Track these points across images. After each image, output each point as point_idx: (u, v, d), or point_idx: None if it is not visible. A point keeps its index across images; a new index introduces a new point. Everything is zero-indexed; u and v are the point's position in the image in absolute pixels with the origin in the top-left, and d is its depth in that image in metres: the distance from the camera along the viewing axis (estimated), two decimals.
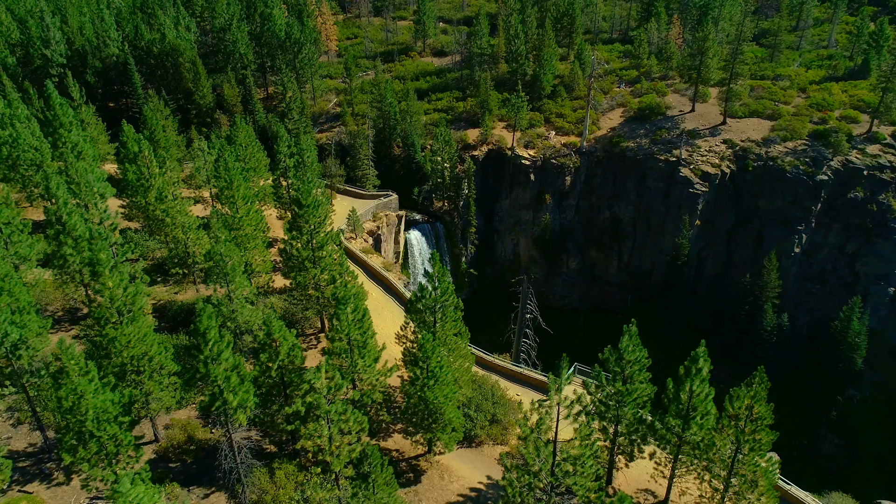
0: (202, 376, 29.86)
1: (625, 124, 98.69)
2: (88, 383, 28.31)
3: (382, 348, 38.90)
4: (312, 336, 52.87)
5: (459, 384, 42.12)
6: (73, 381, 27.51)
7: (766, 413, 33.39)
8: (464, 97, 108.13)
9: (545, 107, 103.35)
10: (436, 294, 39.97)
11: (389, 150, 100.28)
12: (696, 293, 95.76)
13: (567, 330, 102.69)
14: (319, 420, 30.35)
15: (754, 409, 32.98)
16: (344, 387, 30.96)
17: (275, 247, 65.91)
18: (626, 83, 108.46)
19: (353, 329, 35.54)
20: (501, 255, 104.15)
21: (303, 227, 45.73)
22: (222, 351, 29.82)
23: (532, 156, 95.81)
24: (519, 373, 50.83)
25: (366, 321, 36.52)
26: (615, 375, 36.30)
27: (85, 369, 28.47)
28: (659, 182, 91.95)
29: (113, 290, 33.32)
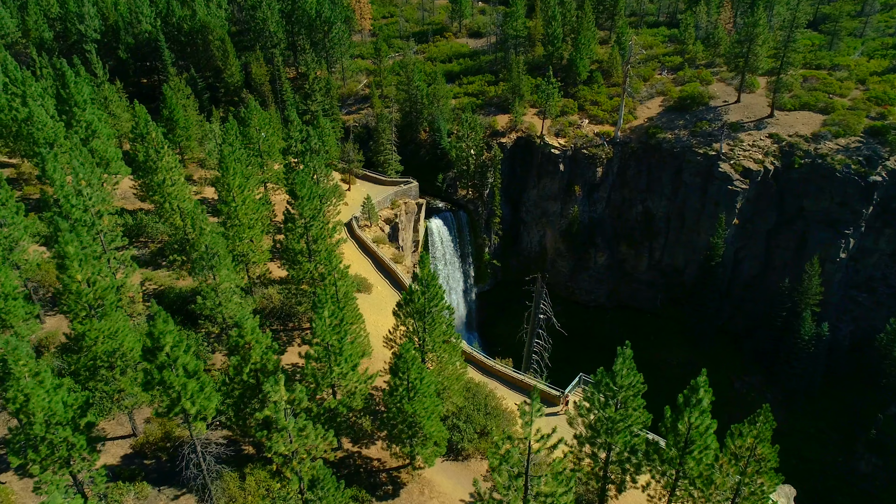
0: (157, 382, 28.40)
1: (663, 114, 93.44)
2: (38, 385, 27.15)
3: (362, 354, 36.85)
4: (309, 331, 51.27)
5: (448, 394, 39.95)
6: (19, 384, 26.38)
7: (770, 455, 30.10)
8: (496, 81, 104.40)
9: (580, 93, 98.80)
10: (423, 299, 37.66)
11: (416, 134, 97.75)
12: (730, 295, 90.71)
13: (592, 327, 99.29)
14: (282, 433, 28.60)
15: (757, 450, 29.58)
16: (304, 401, 29.06)
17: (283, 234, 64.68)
18: (668, 70, 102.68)
19: (329, 334, 33.57)
20: (527, 246, 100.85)
21: (296, 220, 43.89)
22: (178, 357, 28.24)
23: (562, 145, 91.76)
24: (520, 380, 48.25)
25: (344, 326, 34.52)
26: (607, 399, 33.35)
27: (35, 370, 27.30)
28: (696, 177, 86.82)
29: (81, 284, 32.13)
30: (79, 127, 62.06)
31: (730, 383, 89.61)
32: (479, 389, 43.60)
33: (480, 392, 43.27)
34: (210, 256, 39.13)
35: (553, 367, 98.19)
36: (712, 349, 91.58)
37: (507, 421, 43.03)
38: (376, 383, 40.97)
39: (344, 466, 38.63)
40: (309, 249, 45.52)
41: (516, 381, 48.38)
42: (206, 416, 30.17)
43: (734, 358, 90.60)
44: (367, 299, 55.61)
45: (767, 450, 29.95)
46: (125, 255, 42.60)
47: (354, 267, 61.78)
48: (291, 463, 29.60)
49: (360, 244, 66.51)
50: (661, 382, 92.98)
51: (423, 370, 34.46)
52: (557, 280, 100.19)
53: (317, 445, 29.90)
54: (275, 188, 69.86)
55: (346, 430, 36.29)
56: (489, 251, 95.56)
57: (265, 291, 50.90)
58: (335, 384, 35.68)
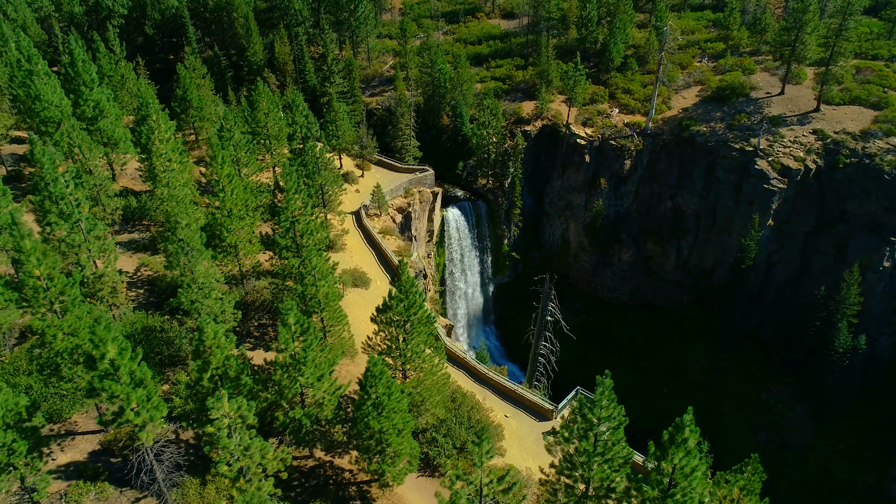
0: (99, 390, 26.98)
1: (699, 105, 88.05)
2: None
3: (334, 362, 34.84)
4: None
5: (427, 406, 37.74)
6: None
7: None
8: (525, 66, 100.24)
9: (612, 80, 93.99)
10: (402, 307, 35.36)
11: (438, 119, 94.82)
12: (761, 300, 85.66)
13: (613, 325, 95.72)
14: (223, 451, 26.92)
15: (743, 503, 26.51)
16: (251, 417, 27.23)
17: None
18: (708, 57, 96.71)
19: (291, 343, 31.65)
20: (549, 238, 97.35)
21: (281, 214, 41.99)
22: (121, 366, 26.70)
23: (589, 135, 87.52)
24: (513, 391, 45.63)
25: (310, 335, 32.50)
26: (585, 431, 30.56)
27: None
28: (730, 174, 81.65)
29: (39, 279, 30.91)
30: (86, 106, 61.31)
31: (756, 393, 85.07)
32: (465, 400, 41.26)
33: (466, 403, 40.94)
34: (185, 251, 37.59)
35: (570, 365, 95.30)
36: (739, 356, 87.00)
37: (494, 435, 40.64)
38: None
39: (313, 476, 36.99)
40: (296, 244, 43.62)
41: (508, 390, 45.81)
42: (154, 429, 28.66)
43: (762, 366, 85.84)
44: (363, 295, 53.67)
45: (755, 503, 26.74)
46: (107, 243, 41.42)
47: (356, 259, 59.99)
48: (239, 481, 27.93)
49: (366, 235, 64.51)
50: (682, 387, 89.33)
51: (393, 385, 32.29)
52: (579, 275, 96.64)
53: (266, 464, 28.15)
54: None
55: (311, 442, 34.52)
56: (508, 243, 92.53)
57: (256, 284, 49.42)
58: (303, 393, 33.82)
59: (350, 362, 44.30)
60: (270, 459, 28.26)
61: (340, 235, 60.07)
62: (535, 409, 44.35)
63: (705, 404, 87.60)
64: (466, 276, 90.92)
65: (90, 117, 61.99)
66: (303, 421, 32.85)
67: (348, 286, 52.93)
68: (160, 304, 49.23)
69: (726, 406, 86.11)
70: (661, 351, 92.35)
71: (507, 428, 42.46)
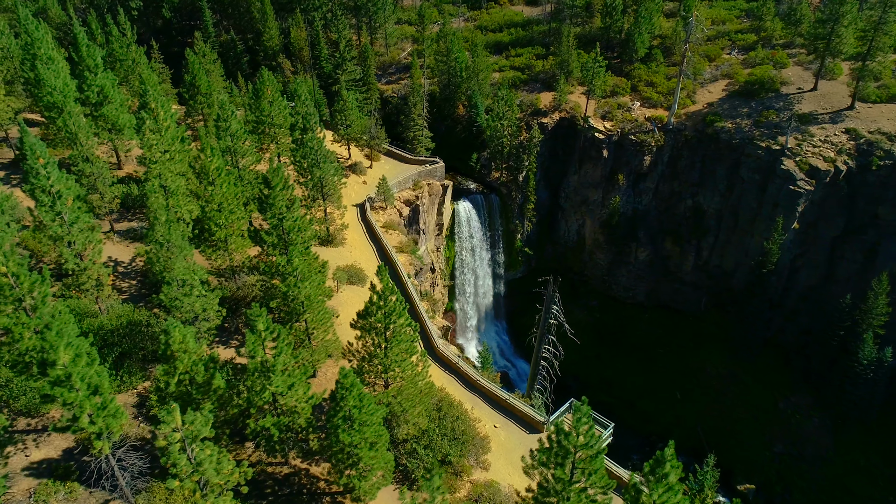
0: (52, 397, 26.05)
1: (725, 100, 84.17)
2: None
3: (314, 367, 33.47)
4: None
5: (407, 416, 36.26)
6: None
7: None
8: (545, 55, 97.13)
9: (635, 72, 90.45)
10: (381, 314, 33.80)
11: (453, 109, 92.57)
12: (782, 306, 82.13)
13: (627, 325, 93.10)
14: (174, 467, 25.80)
15: None
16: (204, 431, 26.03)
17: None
18: (738, 49, 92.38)
19: (259, 350, 30.36)
20: (564, 234, 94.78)
21: (266, 212, 40.64)
22: (72, 373, 25.71)
23: (608, 129, 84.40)
24: (504, 400, 43.83)
25: (281, 342, 31.17)
26: (561, 458, 28.66)
27: None
28: (755, 173, 77.97)
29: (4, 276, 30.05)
30: (90, 92, 60.73)
31: (773, 402, 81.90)
32: (451, 410, 39.65)
33: (451, 413, 39.33)
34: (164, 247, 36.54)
35: (582, 364, 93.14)
36: (757, 362, 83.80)
37: (478, 447, 39.05)
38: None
39: (287, 485, 35.92)
40: (284, 242, 42.27)
41: (500, 400, 44.01)
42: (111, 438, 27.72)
43: (781, 374, 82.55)
44: (358, 293, 52.24)
45: None
46: (92, 236, 40.60)
47: (355, 254, 58.61)
48: (195, 495, 26.85)
49: (369, 229, 63.03)
50: (696, 392, 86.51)
51: (365, 397, 30.82)
52: (594, 273, 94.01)
53: (224, 481, 27.00)
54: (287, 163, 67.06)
55: (283, 450, 33.34)
56: (521, 238, 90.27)
57: (247, 279, 48.37)
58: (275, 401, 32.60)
59: (335, 364, 43.01)
60: (227, 475, 27.09)
61: (341, 230, 58.70)
62: (527, 419, 42.58)
63: (719, 411, 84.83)
64: (477, 270, 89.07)
65: (94, 103, 61.48)
66: (272, 431, 31.61)
67: (343, 283, 51.61)
68: (152, 295, 48.56)
69: (741, 414, 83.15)
70: (676, 354, 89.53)
71: (494, 439, 40.82)
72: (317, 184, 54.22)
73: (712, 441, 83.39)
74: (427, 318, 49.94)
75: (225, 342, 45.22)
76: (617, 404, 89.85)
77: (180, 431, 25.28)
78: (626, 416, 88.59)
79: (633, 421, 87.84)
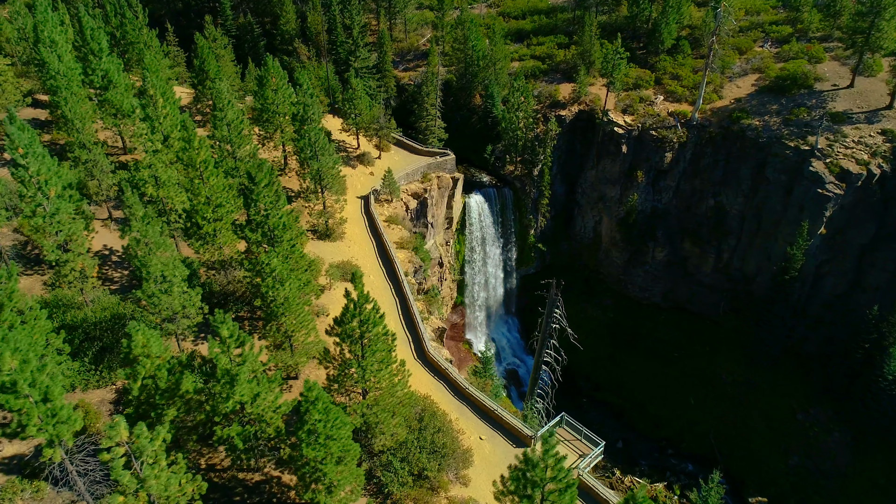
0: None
1: (754, 95, 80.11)
2: None
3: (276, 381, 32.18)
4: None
5: (383, 428, 34.84)
6: None
7: None
8: (568, 44, 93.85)
9: (660, 64, 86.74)
10: (355, 323, 32.32)
11: (470, 99, 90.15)
12: (805, 314, 78.46)
13: (642, 326, 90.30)
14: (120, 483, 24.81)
15: None
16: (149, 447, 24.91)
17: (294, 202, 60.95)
18: (771, 42, 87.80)
19: (222, 357, 29.16)
20: (580, 230, 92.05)
21: (250, 208, 39.37)
22: (16, 381, 24.77)
23: (628, 123, 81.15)
24: (492, 411, 42.10)
25: (247, 350, 29.93)
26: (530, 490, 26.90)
27: None
28: (781, 174, 74.15)
29: None
30: (94, 76, 60.14)
31: (791, 413, 78.57)
32: (434, 420, 38.07)
33: (433, 424, 37.77)
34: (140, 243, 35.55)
35: (594, 365, 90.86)
36: (775, 371, 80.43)
37: (459, 461, 37.49)
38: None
39: (257, 493, 34.90)
40: (270, 239, 41.02)
41: (489, 410, 42.28)
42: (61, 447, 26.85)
43: (800, 385, 79.08)
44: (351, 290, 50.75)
45: None
46: (74, 227, 39.86)
47: (354, 249, 57.22)
48: None
49: (371, 223, 61.51)
50: (711, 399, 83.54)
51: (331, 411, 29.44)
52: (610, 271, 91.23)
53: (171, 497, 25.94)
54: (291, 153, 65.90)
55: (248, 460, 32.23)
56: (535, 234, 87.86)
57: (236, 274, 47.34)
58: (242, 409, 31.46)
59: (319, 366, 41.79)
60: (176, 493, 26.02)
61: (340, 223, 57.29)
62: (514, 432, 40.84)
63: (734, 419, 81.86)
64: (488, 265, 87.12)
65: (99, 87, 60.94)
66: (235, 441, 30.49)
67: (336, 280, 50.28)
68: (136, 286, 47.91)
69: (757, 423, 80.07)
70: (691, 358, 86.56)
71: (478, 452, 39.20)
72: (314, 176, 52.79)
73: (725, 450, 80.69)
74: (420, 320, 48.35)
75: (204, 338, 44.27)
76: (628, 407, 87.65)
77: (125, 446, 24.22)
78: (636, 419, 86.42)
79: (644, 425, 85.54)
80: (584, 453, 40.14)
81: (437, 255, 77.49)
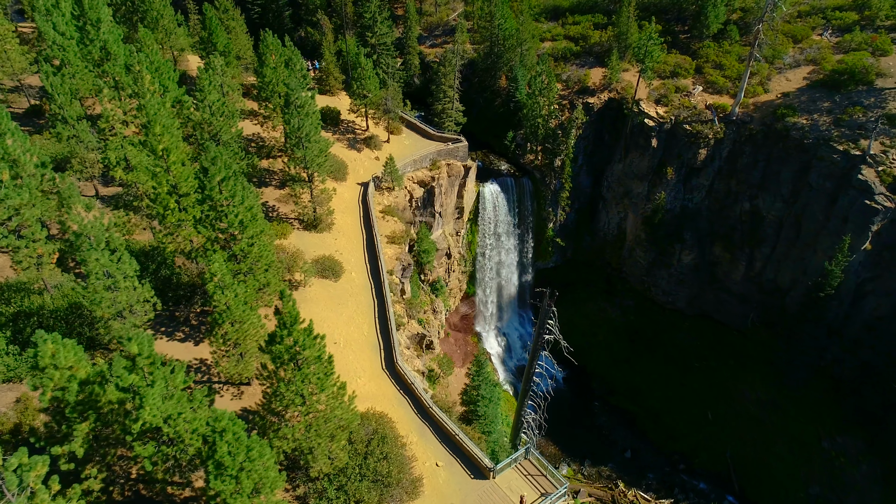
0: None
1: (805, 90, 72.53)
2: None
3: (196, 401, 29.84)
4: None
5: (316, 454, 32.26)
6: None
7: None
8: (606, 24, 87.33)
9: (703, 51, 79.61)
10: (283, 345, 29.56)
11: (495, 80, 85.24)
12: (842, 334, 71.78)
13: (663, 332, 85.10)
14: None
15: None
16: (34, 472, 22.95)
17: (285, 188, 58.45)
18: (832, 30, 79.25)
19: (127, 377, 26.90)
20: (604, 226, 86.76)
21: (204, 204, 36.89)
22: None
23: (661, 115, 74.95)
24: (454, 435, 38.91)
25: (157, 370, 27.56)
26: None
27: None
28: (826, 180, 67.15)
29: None
30: (93, 47, 58.52)
31: (816, 439, 72.66)
32: (382, 444, 35.19)
33: (381, 449, 34.93)
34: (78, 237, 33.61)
35: (611, 367, 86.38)
36: (804, 393, 74.35)
37: (405, 491, 34.66)
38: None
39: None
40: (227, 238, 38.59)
41: (451, 435, 39.09)
42: None
43: (830, 410, 72.86)
44: (328, 288, 48.21)
45: None
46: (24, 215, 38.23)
47: (340, 242, 54.44)
48: None
49: (366, 213, 58.47)
50: (730, 416, 78.13)
51: (242, 443, 26.95)
52: (633, 271, 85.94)
53: None
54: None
55: (163, 483, 30.24)
56: (553, 228, 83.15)
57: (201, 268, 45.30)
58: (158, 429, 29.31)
59: None
60: None
61: (328, 214, 54.46)
62: (474, 461, 37.66)
63: (753, 440, 76.42)
64: (502, 257, 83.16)
65: (97, 59, 59.35)
66: (145, 464, 28.43)
67: (311, 276, 47.64)
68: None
69: (778, 447, 74.51)
70: (713, 370, 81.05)
71: (430, 482, 36.25)
72: (299, 163, 49.94)
73: (740, 470, 75.66)
74: (395, 327, 45.36)
75: (169, 333, 42.60)
76: (641, 415, 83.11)
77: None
78: (649, 429, 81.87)
79: (656, 436, 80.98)
80: (546, 492, 36.66)
81: (445, 245, 74.12)
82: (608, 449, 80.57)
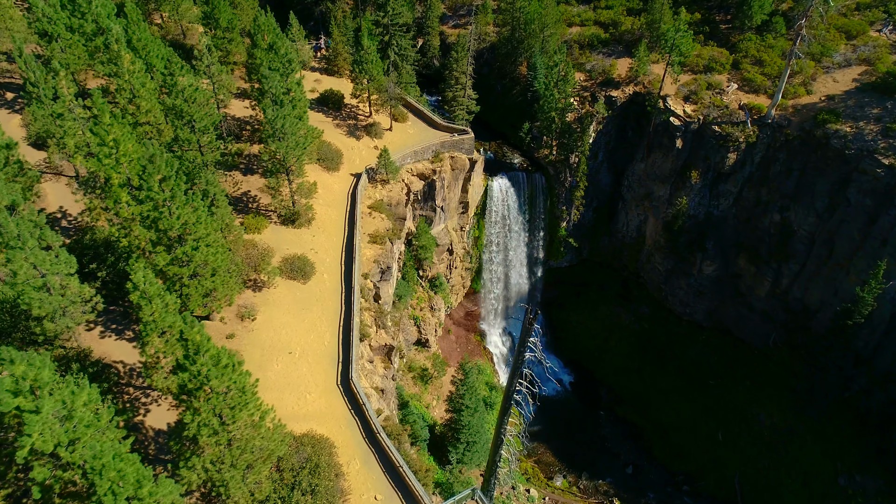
0: None
1: (853, 93, 65.39)
2: None
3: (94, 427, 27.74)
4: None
5: (229, 489, 29.99)
6: None
7: None
8: (640, 10, 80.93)
9: (743, 44, 72.78)
10: (190, 373, 27.13)
11: (514, 67, 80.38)
12: (871, 364, 65.64)
13: (678, 344, 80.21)
14: None
15: None
16: None
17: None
18: (893, 27, 71.11)
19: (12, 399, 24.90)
20: (623, 227, 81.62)
21: (144, 203, 34.58)
22: None
23: (688, 114, 69.02)
24: (398, 466, 36.06)
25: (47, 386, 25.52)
26: None
27: None
28: (866, 196, 60.60)
29: None
30: (84, 20, 56.86)
31: (833, 474, 67.24)
32: (310, 478, 32.66)
33: (307, 480, 32.44)
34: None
35: (620, 376, 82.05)
36: (824, 423, 68.78)
37: None
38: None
39: None
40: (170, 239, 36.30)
41: (395, 467, 36.17)
42: None
43: (850, 445, 67.16)
44: (294, 290, 45.66)
45: None
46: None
47: (318, 239, 51.75)
48: None
49: (352, 209, 55.46)
50: (742, 440, 73.11)
51: (129, 483, 24.78)
52: (651, 277, 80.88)
53: None
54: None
55: None
56: (566, 227, 78.55)
57: None
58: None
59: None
60: None
61: (307, 209, 51.73)
62: (415, 497, 34.82)
63: (765, 467, 71.40)
64: (510, 255, 79.32)
65: (90, 33, 57.73)
66: (33, 491, 26.62)
67: (275, 276, 45.15)
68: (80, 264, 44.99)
69: (791, 478, 69.40)
70: (728, 389, 75.84)
71: None
72: (273, 156, 47.18)
73: (748, 497, 70.97)
74: (357, 337, 42.59)
75: (119, 332, 40.89)
76: (648, 429, 78.81)
77: None
78: (655, 445, 77.61)
79: (662, 453, 76.71)
80: None
81: (447, 241, 70.82)
82: (609, 462, 76.77)
